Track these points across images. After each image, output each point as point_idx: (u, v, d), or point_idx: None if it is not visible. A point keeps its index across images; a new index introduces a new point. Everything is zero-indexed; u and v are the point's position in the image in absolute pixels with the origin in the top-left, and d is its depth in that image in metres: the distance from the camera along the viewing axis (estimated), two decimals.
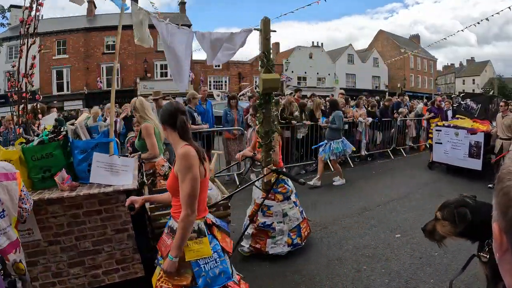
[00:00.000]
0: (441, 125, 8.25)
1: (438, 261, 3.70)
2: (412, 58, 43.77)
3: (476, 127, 7.49)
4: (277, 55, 39.56)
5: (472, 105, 8.59)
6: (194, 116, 6.84)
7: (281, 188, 4.00)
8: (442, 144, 7.95)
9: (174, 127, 2.16)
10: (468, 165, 7.33)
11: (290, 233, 3.95)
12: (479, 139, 7.17)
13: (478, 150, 7.18)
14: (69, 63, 27.97)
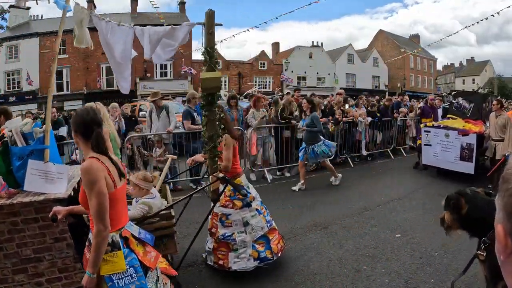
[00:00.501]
0: (430, 125, 7.77)
1: (438, 261, 3.70)
2: (412, 57, 43.76)
3: (468, 128, 7.02)
4: (277, 55, 39.61)
5: (464, 104, 7.97)
6: (194, 116, 6.83)
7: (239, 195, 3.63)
8: (431, 146, 7.46)
9: (86, 137, 2.07)
10: (459, 169, 6.89)
11: (255, 245, 3.52)
12: (471, 141, 6.72)
13: (470, 152, 6.73)
14: (69, 63, 28.00)
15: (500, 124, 6.27)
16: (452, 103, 8.36)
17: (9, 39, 26.85)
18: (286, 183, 7.16)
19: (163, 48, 3.72)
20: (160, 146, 6.71)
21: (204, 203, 5.97)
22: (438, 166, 7.44)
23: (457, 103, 8.15)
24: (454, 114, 8.02)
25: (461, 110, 7.98)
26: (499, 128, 6.30)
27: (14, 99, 26.86)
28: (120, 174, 2.12)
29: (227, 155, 3.57)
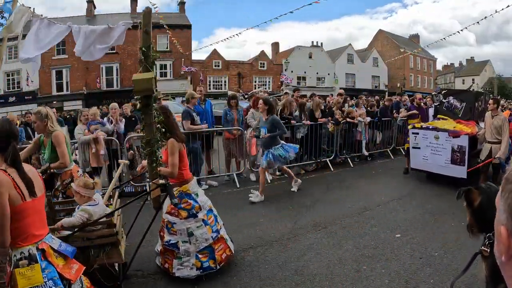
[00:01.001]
0: (418, 127, 7.26)
1: (438, 261, 3.70)
2: (412, 57, 43.77)
3: (460, 129, 6.59)
4: (277, 55, 39.62)
5: (456, 103, 7.40)
6: (193, 116, 6.83)
7: (184, 204, 3.50)
8: (420, 149, 7.03)
9: (2, 150, 2.00)
10: (450, 173, 6.50)
11: (198, 255, 3.46)
12: (463, 143, 6.31)
13: (462, 155, 6.32)
14: (69, 63, 27.98)
15: (496, 125, 5.92)
16: (442, 102, 7.75)
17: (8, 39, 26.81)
18: (286, 183, 7.15)
19: (96, 46, 3.70)
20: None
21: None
22: (428, 170, 7.05)
23: (447, 102, 7.57)
24: (444, 115, 7.50)
25: (452, 110, 7.48)
26: (494, 130, 5.95)
27: (14, 99, 26.86)
28: (31, 187, 2.03)
29: (172, 161, 3.41)
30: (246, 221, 5.05)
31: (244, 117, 7.62)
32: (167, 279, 3.53)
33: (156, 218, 3.39)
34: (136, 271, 3.69)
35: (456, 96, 7.53)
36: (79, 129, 6.24)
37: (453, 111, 7.40)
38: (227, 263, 3.71)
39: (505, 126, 5.81)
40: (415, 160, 7.19)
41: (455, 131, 6.51)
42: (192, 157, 6.76)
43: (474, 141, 6.46)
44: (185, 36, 29.75)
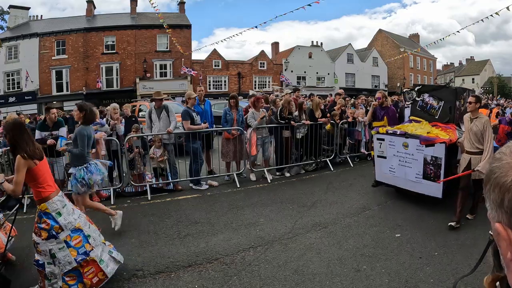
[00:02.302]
0: (383, 132, 5.98)
1: (438, 261, 3.71)
2: (412, 57, 43.74)
3: (435, 135, 5.33)
4: (277, 55, 39.60)
5: (432, 102, 6.13)
6: (193, 116, 6.84)
7: (44, 224, 3.23)
8: (386, 159, 5.86)
9: None
10: (422, 190, 5.34)
11: (65, 278, 3.22)
12: (438, 154, 5.07)
13: (436, 169, 5.10)
14: (69, 63, 27.99)
15: (476, 131, 4.62)
16: (415, 101, 6.42)
17: (8, 40, 26.83)
18: (286, 183, 7.17)
19: None
20: (159, 147, 6.71)
21: (202, 202, 6.00)
22: (395, 184, 5.88)
23: (422, 101, 6.29)
24: (418, 116, 6.26)
25: (427, 110, 6.22)
26: (474, 136, 4.66)
27: (14, 99, 26.85)
28: None
29: (15, 179, 3.16)
30: (247, 221, 5.06)
31: (243, 117, 7.63)
32: (168, 279, 3.54)
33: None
34: (137, 271, 3.70)
35: (433, 94, 6.23)
36: None
37: (429, 112, 6.19)
38: None
39: (488, 132, 4.56)
40: (380, 172, 6.06)
41: (428, 137, 5.24)
42: (193, 157, 6.78)
43: (454, 150, 5.27)
44: (185, 36, 29.73)
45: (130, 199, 6.39)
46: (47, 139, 6.06)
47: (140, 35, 29.13)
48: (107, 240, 4.53)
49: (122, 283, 3.48)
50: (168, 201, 6.21)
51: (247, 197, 6.19)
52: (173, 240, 4.49)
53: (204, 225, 4.94)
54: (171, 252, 4.13)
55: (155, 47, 29.54)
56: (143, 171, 6.82)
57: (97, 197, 6.37)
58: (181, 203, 6.08)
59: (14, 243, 4.15)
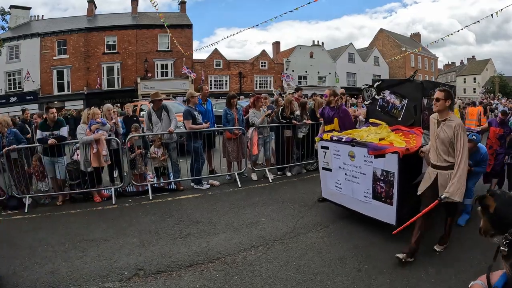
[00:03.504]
0: (327, 138, 4.97)
1: (440, 261, 3.70)
2: (413, 56, 43.71)
3: (388, 143, 4.24)
4: (278, 54, 39.60)
5: (394, 100, 5.03)
6: (194, 115, 6.83)
7: None
8: (331, 172, 4.92)
9: None
10: (372, 213, 4.37)
11: None
12: (390, 167, 4.00)
13: (388, 187, 4.04)
14: (70, 63, 28.05)
15: (444, 138, 3.53)
16: (375, 100, 5.33)
17: (10, 40, 26.88)
18: (287, 183, 7.16)
19: None
20: (159, 146, 6.71)
21: (204, 202, 6.00)
22: (341, 203, 4.92)
23: (383, 100, 5.19)
24: (378, 118, 5.20)
25: (388, 111, 5.09)
26: (441, 145, 3.59)
27: (15, 99, 26.91)
28: None
29: None
30: (248, 221, 5.06)
31: (243, 116, 7.62)
32: (169, 278, 3.54)
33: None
34: (138, 270, 3.70)
35: (394, 90, 5.07)
36: (81, 128, 6.25)
37: (391, 113, 5.08)
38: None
39: (460, 141, 3.43)
40: (326, 187, 5.16)
41: (377, 146, 4.16)
42: (194, 157, 6.78)
43: (413, 162, 4.12)
44: (186, 36, 29.75)
45: (132, 198, 6.40)
46: (48, 139, 6.07)
47: (141, 34, 29.16)
48: (108, 239, 4.55)
49: (124, 282, 3.48)
50: (169, 200, 6.21)
51: (248, 197, 6.19)
52: (175, 239, 4.49)
53: (206, 225, 4.94)
54: (173, 251, 4.13)
55: (156, 47, 29.57)
56: (144, 171, 6.82)
57: (99, 196, 6.38)
58: (183, 202, 6.08)
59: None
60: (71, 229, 4.98)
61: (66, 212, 5.83)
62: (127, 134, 7.24)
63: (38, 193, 6.38)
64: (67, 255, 4.14)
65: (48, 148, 6.13)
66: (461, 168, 3.42)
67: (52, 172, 6.28)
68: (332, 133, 5.10)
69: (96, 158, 6.13)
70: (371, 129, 4.93)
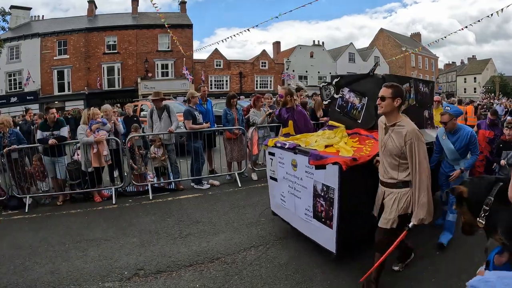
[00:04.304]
0: (271, 145, 4.31)
1: (440, 261, 3.69)
2: (413, 56, 43.69)
3: (335, 150, 3.56)
4: (278, 54, 39.60)
5: (353, 99, 4.24)
6: (195, 115, 6.83)
7: None
8: (277, 182, 4.29)
9: None
10: (313, 235, 3.75)
11: None
12: (331, 181, 3.29)
13: (329, 206, 3.33)
14: (70, 63, 28.08)
15: (392, 148, 2.84)
16: (334, 98, 4.56)
17: (10, 40, 26.90)
18: None
19: None
20: (159, 146, 6.71)
21: (204, 202, 6.00)
22: (286, 220, 4.32)
23: (341, 98, 4.42)
24: (337, 121, 4.46)
25: (348, 111, 4.31)
26: (389, 157, 2.90)
27: (16, 99, 26.94)
28: None
29: None
30: (248, 220, 5.05)
31: (244, 116, 7.61)
32: (169, 278, 3.54)
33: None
34: (138, 270, 3.70)
35: (353, 87, 4.28)
36: (81, 129, 6.25)
37: (350, 114, 4.29)
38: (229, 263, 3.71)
39: (416, 154, 2.75)
40: (273, 199, 4.55)
41: (318, 155, 3.44)
42: (194, 156, 6.78)
43: (366, 175, 3.30)
44: (186, 36, 29.77)
45: (132, 198, 6.40)
46: (48, 139, 6.07)
47: (141, 35, 29.18)
48: (108, 239, 4.55)
49: (124, 282, 3.48)
50: (169, 200, 6.22)
51: (249, 197, 6.18)
52: (175, 239, 4.49)
53: (206, 225, 4.94)
54: (173, 251, 4.13)
55: (157, 47, 29.59)
56: (144, 171, 6.83)
57: (99, 196, 6.39)
58: (183, 202, 6.08)
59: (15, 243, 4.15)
60: (72, 229, 4.99)
61: (66, 212, 5.84)
62: (127, 134, 7.25)
63: (39, 193, 6.38)
64: (68, 255, 4.14)
65: (48, 148, 6.13)
66: (423, 187, 2.77)
67: (52, 172, 6.29)
68: (278, 138, 4.43)
69: (97, 158, 6.13)
70: (325, 133, 4.26)
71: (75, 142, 6.59)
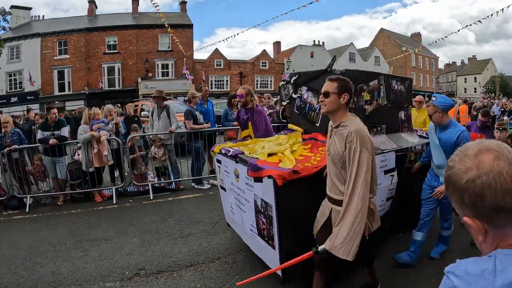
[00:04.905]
0: (217, 151, 3.88)
1: (440, 261, 3.69)
2: (414, 56, 43.68)
3: (276, 161, 3.05)
4: (278, 54, 39.61)
5: (311, 100, 3.77)
6: (196, 115, 6.83)
7: None
8: (226, 192, 3.91)
9: None
10: (261, 253, 3.31)
11: None
12: (268, 197, 2.82)
13: (268, 223, 2.90)
14: (71, 63, 28.09)
15: (334, 154, 2.36)
16: (292, 99, 4.08)
17: (10, 40, 26.91)
18: None
19: None
20: (159, 146, 6.72)
21: (204, 202, 6.00)
22: (238, 233, 3.97)
23: (300, 98, 3.94)
24: (297, 123, 3.94)
25: (306, 113, 3.83)
26: (332, 165, 2.43)
27: (16, 99, 26.95)
28: None
29: None
30: None
31: None
32: (170, 278, 3.55)
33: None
34: (139, 270, 3.70)
35: (311, 86, 3.79)
36: (82, 129, 6.26)
37: (308, 116, 3.81)
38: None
39: (356, 158, 2.21)
40: (225, 208, 4.20)
41: (256, 165, 2.93)
42: (195, 156, 6.78)
43: (308, 191, 2.81)
44: (187, 36, 29.78)
45: (132, 198, 6.40)
46: (49, 139, 6.08)
47: (141, 35, 29.20)
48: (108, 239, 4.55)
49: (125, 282, 3.49)
50: (170, 200, 6.22)
51: None
52: (175, 239, 4.49)
53: (206, 225, 4.94)
54: (173, 251, 4.14)
55: (157, 47, 29.60)
56: (144, 171, 6.83)
57: (100, 196, 6.39)
58: (183, 202, 6.09)
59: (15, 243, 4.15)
60: (72, 229, 4.99)
61: (67, 212, 5.84)
62: (127, 134, 7.25)
63: (39, 193, 6.39)
64: (68, 255, 4.15)
65: (49, 148, 6.14)
66: (353, 208, 2.15)
67: (53, 172, 6.30)
68: (226, 144, 3.95)
69: (98, 158, 6.14)
70: (278, 138, 3.74)
71: (76, 142, 6.59)
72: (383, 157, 3.41)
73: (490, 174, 0.75)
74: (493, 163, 0.76)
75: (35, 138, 7.12)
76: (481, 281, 0.74)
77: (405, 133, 4.18)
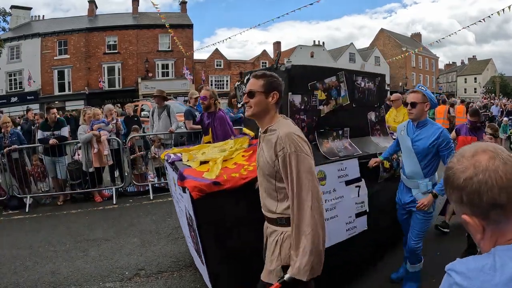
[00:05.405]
0: (162, 157, 3.57)
1: (440, 261, 3.68)
2: (414, 56, 43.69)
3: (205, 170, 2.66)
4: None
5: None
6: (196, 115, 6.82)
7: None
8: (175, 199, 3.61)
9: None
10: (200, 268, 3.07)
11: None
12: (190, 209, 2.52)
13: (196, 238, 2.67)
14: (71, 63, 28.08)
15: (263, 165, 1.87)
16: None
17: (10, 40, 26.91)
18: None
19: None
20: (159, 146, 6.71)
21: None
22: (187, 244, 3.80)
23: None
24: (249, 126, 3.68)
25: None
26: (261, 177, 1.94)
27: (16, 99, 26.94)
28: None
29: None
30: None
31: None
32: (170, 278, 3.54)
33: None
34: (139, 270, 3.70)
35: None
36: (82, 129, 6.25)
37: None
38: None
39: (294, 166, 1.70)
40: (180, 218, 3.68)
41: (182, 174, 2.60)
42: None
43: (237, 205, 2.52)
44: (187, 36, 29.77)
45: (132, 198, 6.40)
46: (49, 139, 6.07)
47: (142, 35, 29.19)
48: (108, 239, 4.55)
49: (125, 282, 3.48)
50: (170, 200, 6.19)
51: None
52: (175, 239, 4.48)
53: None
54: (173, 251, 4.13)
55: (157, 47, 29.60)
56: (144, 171, 6.83)
57: (100, 196, 6.39)
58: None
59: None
60: (72, 229, 4.99)
61: (67, 212, 5.84)
62: (128, 134, 7.25)
63: (39, 193, 6.38)
64: (68, 255, 4.14)
65: (49, 148, 6.13)
66: (305, 222, 1.70)
67: (53, 172, 6.29)
68: (172, 149, 3.56)
69: (98, 158, 6.13)
70: (226, 144, 3.45)
71: (76, 142, 6.59)
72: (340, 165, 2.93)
73: (486, 172, 0.80)
74: (488, 162, 0.81)
75: (35, 138, 7.12)
76: (482, 276, 0.76)
77: (377, 137, 3.70)
